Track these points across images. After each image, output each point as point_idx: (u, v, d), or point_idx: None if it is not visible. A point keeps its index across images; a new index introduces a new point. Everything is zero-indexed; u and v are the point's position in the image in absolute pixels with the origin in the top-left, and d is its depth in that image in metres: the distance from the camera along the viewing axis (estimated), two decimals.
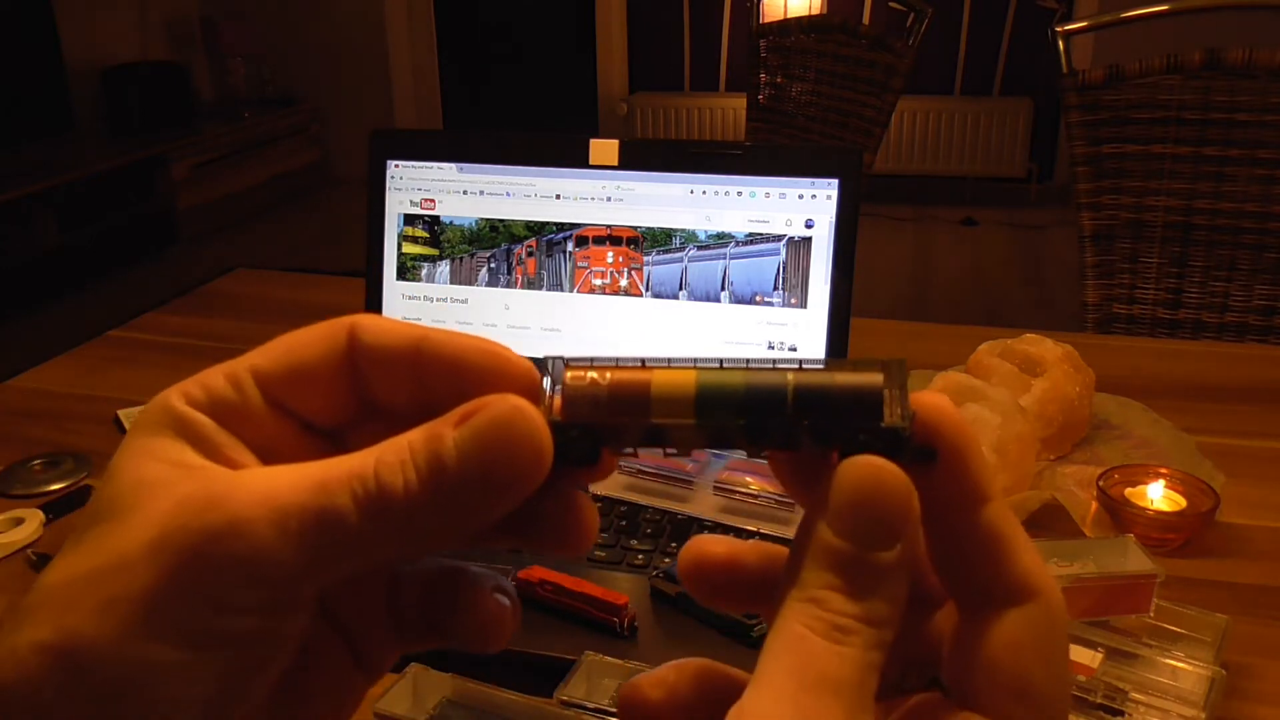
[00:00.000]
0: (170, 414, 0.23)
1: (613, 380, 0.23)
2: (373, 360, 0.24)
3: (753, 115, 2.45)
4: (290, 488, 0.21)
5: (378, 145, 0.96)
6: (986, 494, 0.23)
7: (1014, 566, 0.22)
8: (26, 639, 0.21)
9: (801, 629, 0.21)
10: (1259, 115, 1.38)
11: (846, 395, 0.22)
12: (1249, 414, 0.99)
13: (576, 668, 0.63)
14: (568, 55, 4.65)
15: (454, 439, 0.21)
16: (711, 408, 0.23)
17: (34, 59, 3.65)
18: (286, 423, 0.24)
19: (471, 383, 0.23)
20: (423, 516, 0.21)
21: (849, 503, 0.21)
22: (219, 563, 0.21)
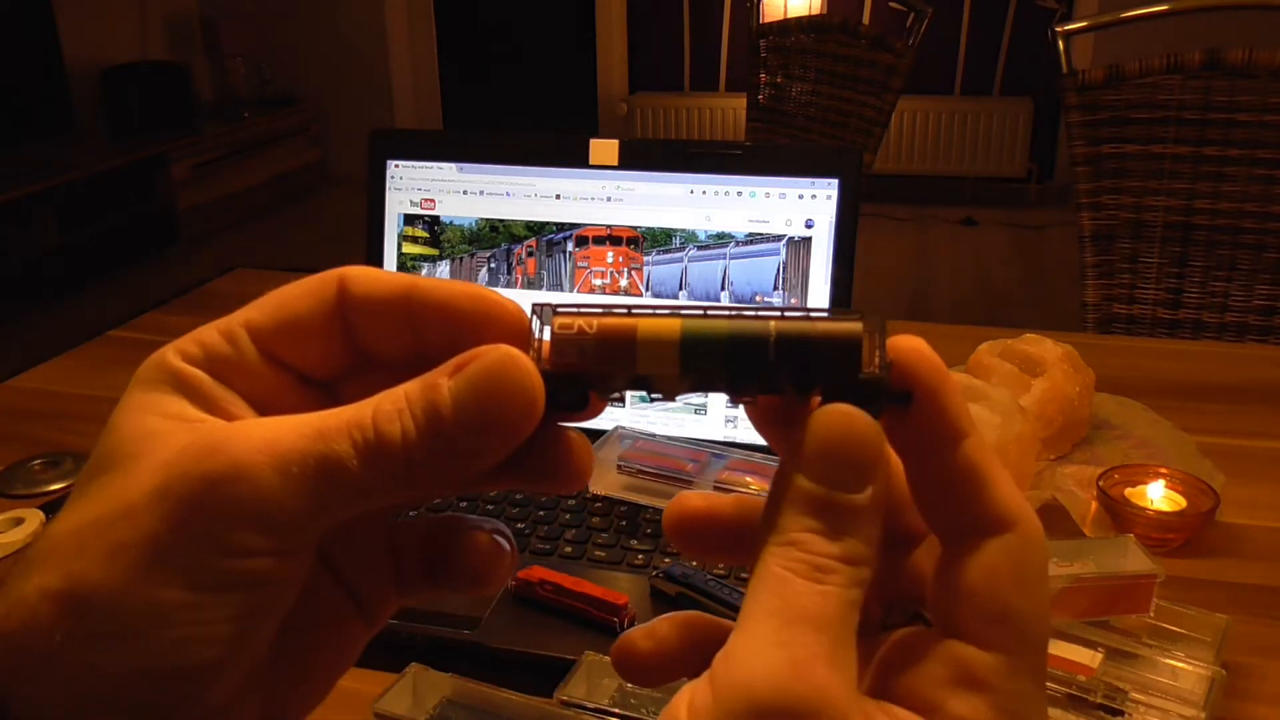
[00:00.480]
0: (166, 370, 0.24)
1: (599, 328, 0.23)
2: (363, 310, 0.24)
3: (753, 115, 2.45)
4: (291, 435, 0.22)
5: (378, 145, 0.96)
6: (964, 430, 0.23)
7: (991, 498, 0.23)
8: (35, 585, 0.21)
9: (782, 570, 0.21)
10: (1259, 115, 1.38)
11: (826, 343, 0.23)
12: (1249, 414, 0.99)
13: (576, 668, 0.63)
14: (568, 55, 4.65)
15: (449, 388, 0.22)
16: (695, 356, 0.23)
17: (34, 59, 3.65)
18: (282, 375, 0.25)
19: (462, 328, 0.24)
20: (420, 462, 0.22)
21: (821, 449, 0.22)
22: (223, 506, 0.21)
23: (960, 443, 0.23)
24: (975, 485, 0.23)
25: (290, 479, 0.21)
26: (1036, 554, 0.23)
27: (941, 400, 0.23)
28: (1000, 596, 0.22)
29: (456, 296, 0.24)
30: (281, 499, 0.21)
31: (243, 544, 0.21)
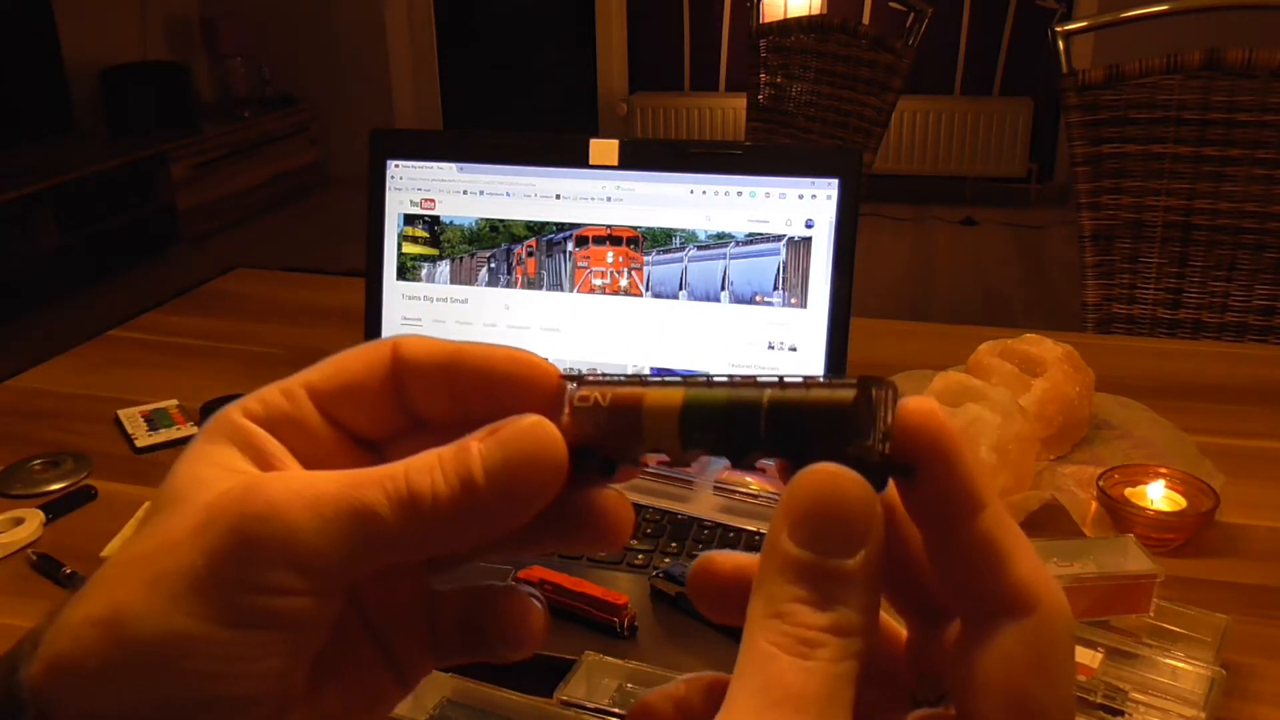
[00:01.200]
0: (229, 425, 0.25)
1: (612, 399, 0.24)
2: (413, 374, 0.26)
3: (753, 115, 2.45)
4: (327, 483, 0.23)
5: (378, 145, 0.96)
6: (980, 502, 0.22)
7: (1010, 576, 0.22)
8: (81, 613, 0.23)
9: (767, 645, 0.20)
10: (1259, 115, 1.38)
11: (816, 413, 0.22)
12: (1249, 414, 0.99)
13: (576, 668, 0.63)
14: (568, 55, 4.65)
15: (480, 451, 0.23)
16: (695, 426, 0.23)
17: (34, 59, 3.65)
18: (336, 435, 0.26)
19: (501, 389, 0.25)
20: (448, 517, 0.23)
21: (807, 511, 0.21)
22: (257, 543, 0.22)
23: (977, 516, 0.22)
24: (993, 562, 0.22)
25: (324, 522, 0.22)
26: (1058, 640, 0.21)
27: (953, 470, 0.22)
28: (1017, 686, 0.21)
29: (497, 359, 0.25)
30: (314, 541, 0.22)
31: (273, 582, 0.22)
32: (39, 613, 0.76)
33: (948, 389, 0.85)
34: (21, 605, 0.75)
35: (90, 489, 0.89)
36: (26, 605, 0.75)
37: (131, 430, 0.98)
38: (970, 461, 0.22)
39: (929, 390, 0.86)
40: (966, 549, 0.22)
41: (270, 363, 1.14)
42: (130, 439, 0.97)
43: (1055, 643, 0.21)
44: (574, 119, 4.65)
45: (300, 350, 1.16)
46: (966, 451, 0.22)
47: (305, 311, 1.29)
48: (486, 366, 0.25)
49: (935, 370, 0.92)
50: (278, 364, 1.14)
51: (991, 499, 0.22)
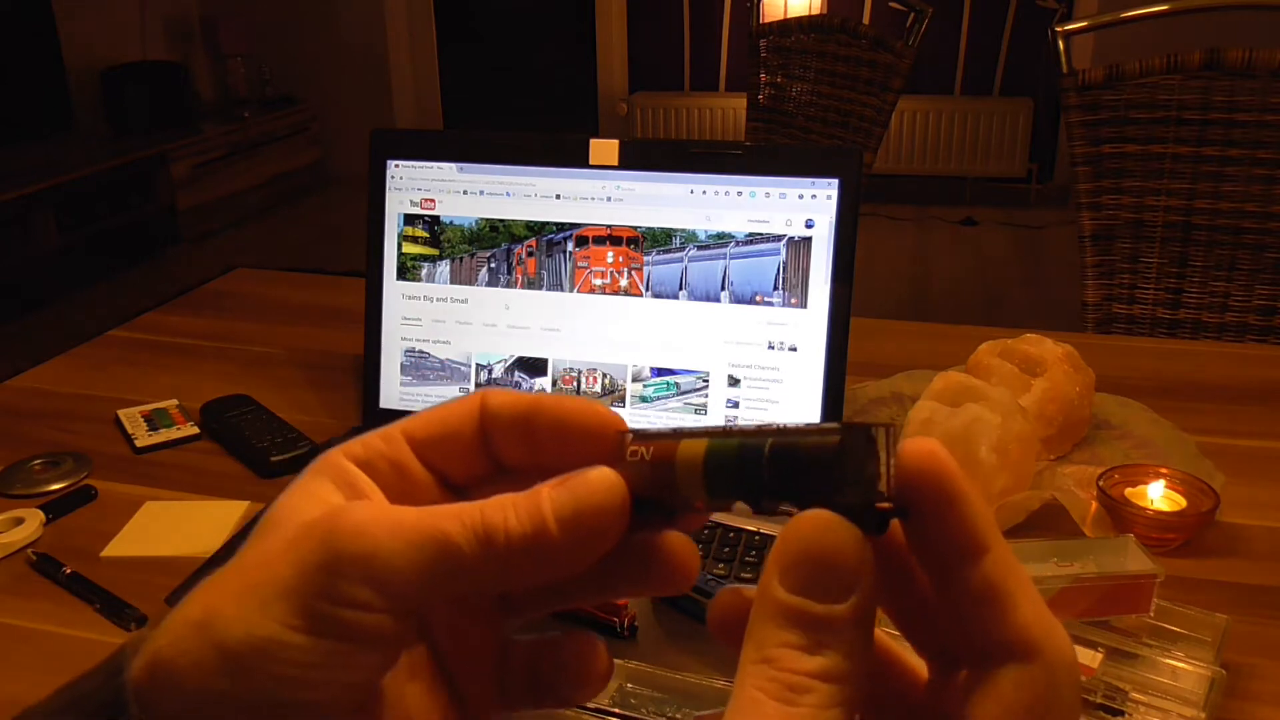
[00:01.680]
0: (330, 464, 0.27)
1: (654, 453, 0.26)
2: (498, 423, 0.28)
3: (753, 115, 2.45)
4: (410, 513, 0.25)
5: (378, 145, 0.96)
6: (984, 545, 0.22)
7: (1013, 621, 0.21)
8: (181, 616, 0.25)
9: (754, 691, 0.21)
10: (1259, 115, 1.38)
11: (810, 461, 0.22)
12: (1249, 414, 0.99)
13: None
14: (568, 55, 4.65)
15: (550, 496, 0.25)
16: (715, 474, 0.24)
17: (34, 59, 3.65)
18: (428, 479, 0.28)
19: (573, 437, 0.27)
20: (520, 554, 0.24)
21: (796, 557, 0.21)
22: (342, 557, 0.24)
23: (980, 558, 0.22)
24: (995, 606, 0.22)
25: (405, 545, 0.24)
26: (1060, 688, 0.21)
27: (957, 513, 0.22)
28: None
29: (568, 411, 0.27)
30: (395, 562, 0.24)
31: (354, 596, 0.24)
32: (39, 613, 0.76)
33: (948, 389, 0.85)
34: (21, 605, 0.75)
35: (90, 489, 0.89)
36: (26, 605, 0.75)
37: (131, 430, 0.98)
38: (974, 503, 0.22)
39: (929, 390, 0.86)
40: (969, 592, 0.22)
41: (270, 363, 1.14)
42: (130, 439, 0.97)
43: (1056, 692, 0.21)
44: (574, 119, 4.65)
45: (300, 350, 1.16)
46: (971, 493, 0.22)
47: (305, 311, 1.29)
48: (560, 416, 0.27)
49: (935, 370, 0.92)
50: (278, 364, 1.14)
51: (996, 542, 0.22)
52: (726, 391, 0.89)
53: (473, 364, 0.94)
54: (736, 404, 0.89)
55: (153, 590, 0.73)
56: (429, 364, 0.95)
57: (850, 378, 0.88)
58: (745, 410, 0.89)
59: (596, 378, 0.92)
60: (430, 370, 0.95)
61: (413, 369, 0.96)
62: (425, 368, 0.95)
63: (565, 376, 0.92)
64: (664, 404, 0.90)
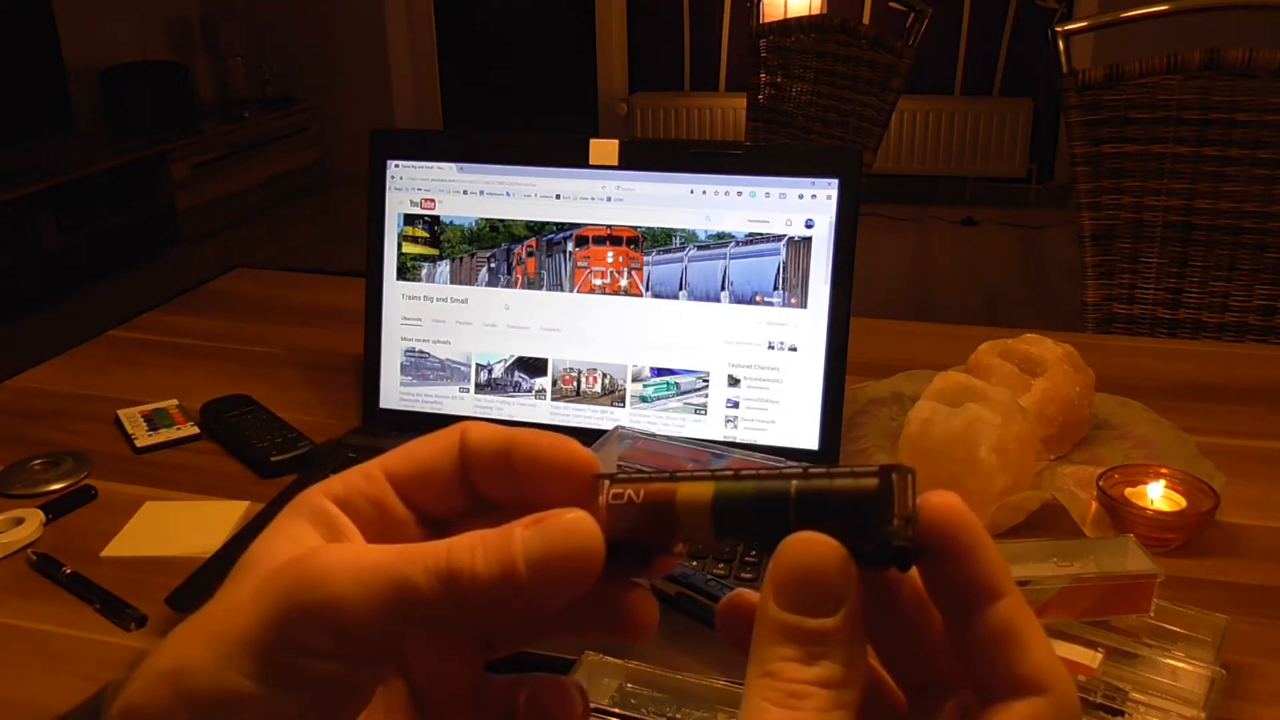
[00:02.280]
0: (309, 504, 0.27)
1: (645, 495, 0.26)
2: (476, 458, 0.28)
3: (753, 115, 2.45)
4: (374, 555, 0.25)
5: (378, 145, 0.96)
6: (1000, 590, 0.24)
7: (1025, 660, 0.23)
8: (154, 665, 0.25)
9: (760, 701, 0.22)
10: (1259, 115, 1.38)
11: (843, 503, 0.24)
12: (1249, 414, 0.99)
13: (576, 668, 0.63)
14: (568, 55, 4.65)
15: (522, 537, 0.25)
16: (726, 517, 0.25)
17: (34, 59, 3.65)
18: (408, 515, 0.28)
19: (548, 473, 0.27)
20: (486, 596, 0.24)
21: (788, 577, 0.23)
22: (304, 610, 0.24)
23: (996, 602, 0.24)
24: (1009, 646, 0.23)
25: (366, 590, 0.24)
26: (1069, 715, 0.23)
27: (975, 558, 0.24)
28: None
29: (542, 447, 0.27)
30: (356, 608, 0.24)
31: (314, 645, 0.24)
32: (39, 613, 0.76)
33: (948, 389, 0.85)
34: (21, 605, 0.75)
35: (90, 489, 0.89)
36: (26, 605, 0.75)
37: (131, 430, 0.98)
38: (992, 550, 0.24)
39: (929, 391, 0.86)
40: (986, 632, 0.24)
41: (270, 363, 1.14)
42: (130, 439, 0.97)
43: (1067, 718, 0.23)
44: (574, 119, 4.65)
45: (300, 350, 1.16)
46: (989, 542, 0.24)
47: (305, 311, 1.29)
48: (535, 453, 0.27)
49: (935, 370, 0.92)
50: (278, 364, 1.14)
51: (1011, 586, 0.24)
52: (726, 391, 0.89)
53: (473, 364, 0.94)
54: (736, 404, 0.89)
55: (153, 590, 0.73)
56: (429, 364, 0.95)
57: (850, 378, 0.88)
58: (745, 410, 0.89)
59: (596, 378, 0.92)
60: (430, 370, 0.95)
61: (413, 369, 0.96)
62: (425, 368, 0.95)
63: (565, 376, 0.92)
64: (664, 404, 0.90)
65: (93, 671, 0.67)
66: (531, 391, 0.93)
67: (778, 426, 0.88)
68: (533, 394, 0.93)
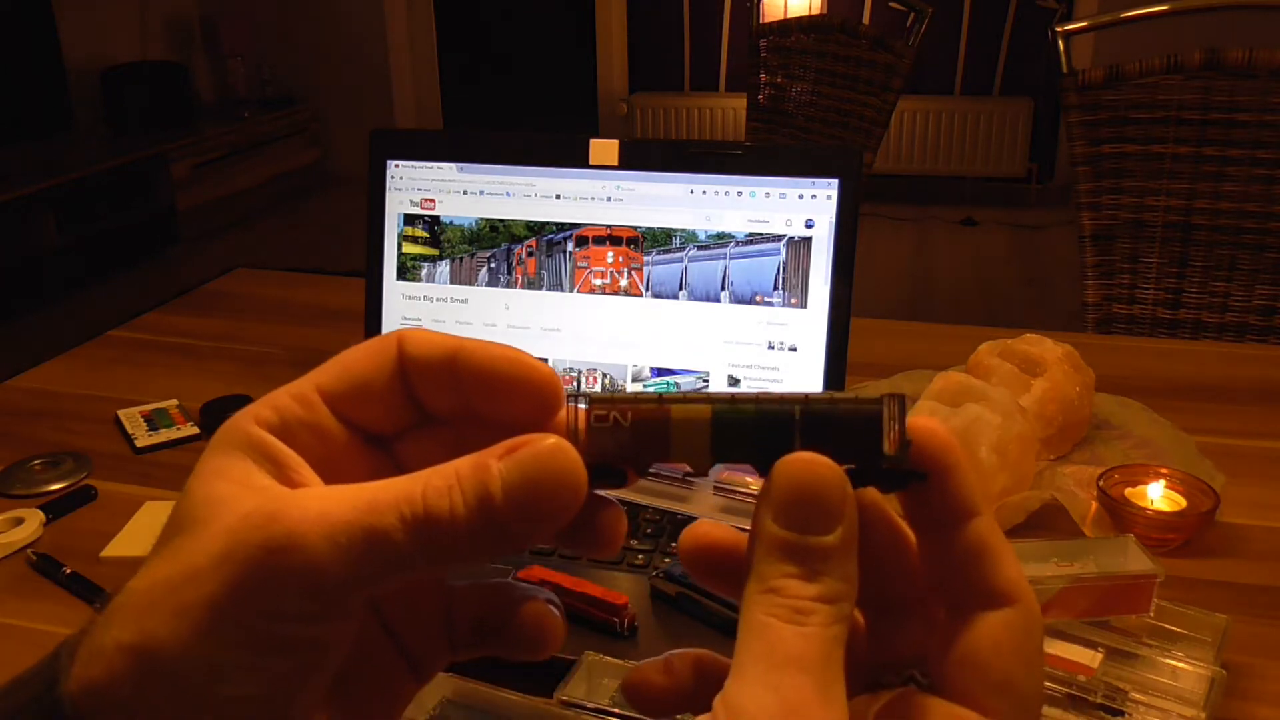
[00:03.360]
0: (241, 434, 0.25)
1: (634, 416, 0.25)
2: (417, 369, 0.27)
3: (753, 115, 2.45)
4: (343, 506, 0.23)
5: (378, 145, 0.96)
6: (975, 508, 0.25)
7: (999, 575, 0.25)
8: (112, 638, 0.23)
9: (765, 617, 0.23)
10: (1259, 115, 1.38)
11: (848, 423, 0.24)
12: (1249, 414, 0.99)
13: (576, 668, 0.63)
14: (568, 55, 4.65)
15: (499, 471, 0.23)
16: (726, 438, 0.25)
17: (34, 59, 3.65)
18: (347, 434, 0.27)
19: (503, 388, 0.26)
20: (465, 539, 0.23)
21: (789, 497, 0.23)
22: (277, 574, 0.23)
23: (971, 520, 0.25)
24: (984, 561, 0.25)
25: (339, 548, 0.23)
26: (1036, 630, 0.25)
27: (955, 479, 0.25)
28: (1004, 667, 0.24)
29: (496, 359, 0.26)
30: (330, 567, 0.23)
31: (293, 609, 0.23)
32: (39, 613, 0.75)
33: (948, 389, 0.85)
34: (21, 605, 0.75)
35: (90, 489, 0.89)
36: (26, 605, 0.75)
37: (131, 430, 0.98)
38: (970, 472, 0.25)
39: (929, 390, 0.86)
40: (960, 549, 0.25)
41: (270, 363, 1.14)
42: (130, 439, 0.97)
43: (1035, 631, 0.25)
44: (574, 119, 4.65)
45: (300, 350, 1.16)
46: (966, 464, 0.25)
47: (305, 311, 1.29)
48: (488, 366, 0.26)
49: (935, 370, 0.92)
50: (278, 364, 1.14)
51: (986, 506, 0.25)
52: (726, 391, 0.89)
53: None
54: None
55: None
56: None
57: (850, 378, 0.88)
58: None
59: (596, 378, 0.92)
60: None
61: None
62: None
63: (565, 376, 0.92)
64: None
65: None
66: None
67: None
68: None
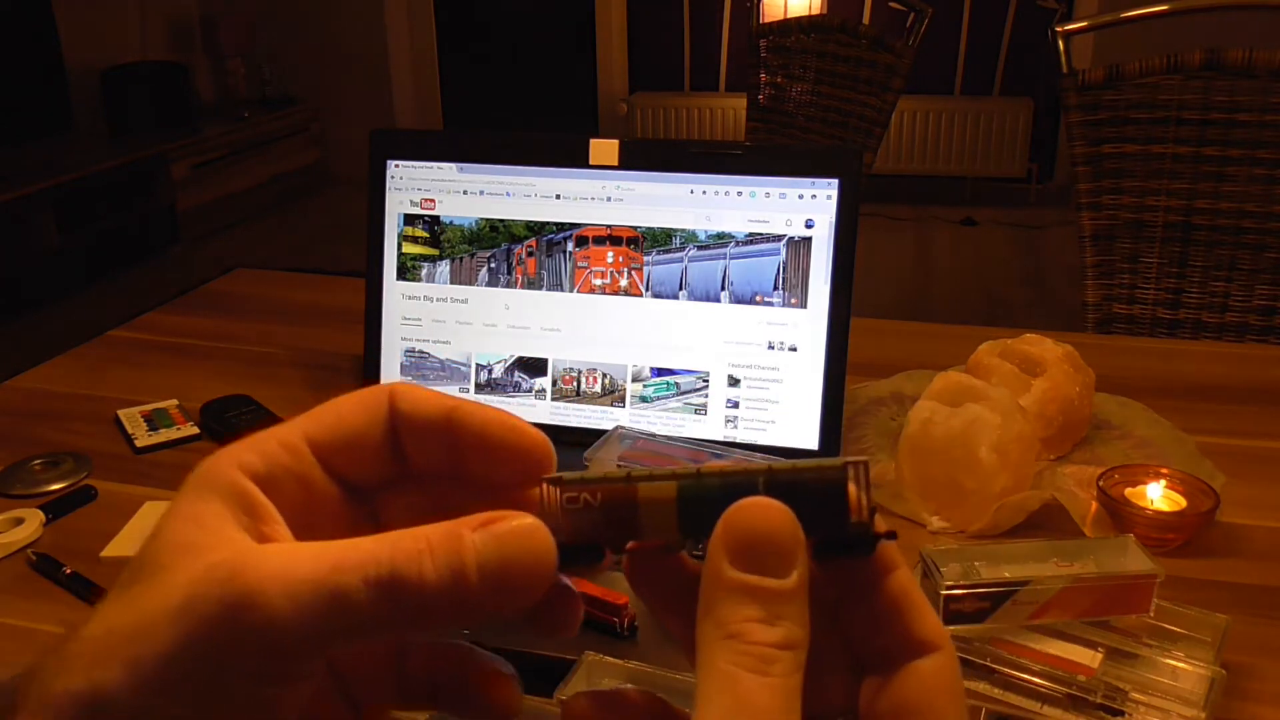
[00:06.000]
0: (222, 479, 0.25)
1: (603, 497, 0.25)
2: (409, 426, 0.27)
3: (753, 115, 2.45)
4: (308, 564, 0.23)
5: (378, 145, 0.96)
6: (894, 562, 0.26)
7: (923, 624, 0.26)
8: (62, 686, 0.23)
9: (729, 667, 0.22)
10: (1259, 115, 1.38)
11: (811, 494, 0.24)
12: (1249, 414, 0.99)
13: (576, 668, 0.63)
14: (568, 55, 4.65)
15: (473, 544, 0.23)
16: (692, 514, 0.25)
17: (34, 59, 3.65)
18: (329, 484, 0.27)
19: (496, 451, 0.26)
20: (432, 607, 0.23)
21: (748, 540, 0.23)
22: (234, 632, 0.22)
23: (893, 573, 0.26)
24: (907, 612, 0.25)
25: (299, 608, 0.22)
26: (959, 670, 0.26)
27: None
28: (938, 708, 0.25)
29: (491, 424, 0.26)
30: (290, 627, 0.22)
31: (250, 668, 0.22)
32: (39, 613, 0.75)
33: (947, 389, 0.85)
34: (21, 605, 0.75)
35: (90, 489, 0.89)
36: (26, 605, 0.74)
37: (131, 430, 0.98)
38: None
39: (929, 390, 0.86)
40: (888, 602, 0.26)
41: (270, 363, 1.14)
42: (130, 439, 0.97)
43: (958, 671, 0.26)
44: (574, 119, 4.65)
45: (300, 350, 1.16)
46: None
47: (305, 311, 1.29)
48: (483, 430, 0.26)
49: (935, 370, 0.92)
50: (278, 364, 1.14)
51: (902, 560, 0.26)
52: (726, 391, 0.89)
53: (473, 364, 0.94)
54: (736, 404, 0.89)
55: None
56: (429, 364, 0.95)
57: (850, 378, 0.88)
58: (745, 410, 0.89)
59: (596, 378, 0.92)
60: (430, 370, 0.95)
61: (413, 369, 0.96)
62: (425, 368, 0.95)
63: (565, 376, 0.92)
64: (664, 404, 0.90)
65: None
66: (531, 391, 0.93)
67: (778, 426, 0.88)
68: (533, 394, 0.93)
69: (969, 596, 0.63)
